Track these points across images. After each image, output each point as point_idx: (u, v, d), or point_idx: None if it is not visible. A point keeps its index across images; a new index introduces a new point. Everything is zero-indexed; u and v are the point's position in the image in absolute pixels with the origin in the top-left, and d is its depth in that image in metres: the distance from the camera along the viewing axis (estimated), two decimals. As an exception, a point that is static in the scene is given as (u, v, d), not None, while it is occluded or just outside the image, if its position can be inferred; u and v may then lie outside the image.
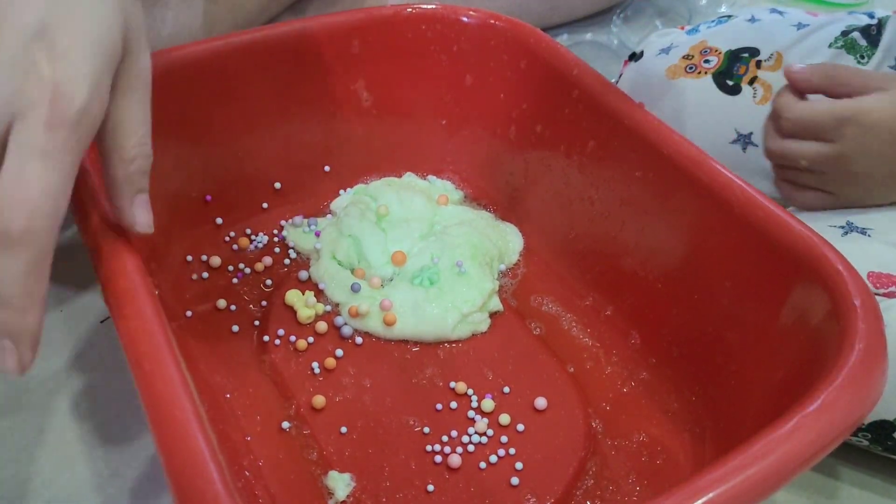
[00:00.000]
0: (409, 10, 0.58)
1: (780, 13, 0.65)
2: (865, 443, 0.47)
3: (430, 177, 0.64)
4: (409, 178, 0.64)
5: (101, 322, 0.54)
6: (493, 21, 0.58)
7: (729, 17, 0.66)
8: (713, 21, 0.68)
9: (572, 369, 0.51)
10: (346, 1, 0.70)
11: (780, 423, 0.32)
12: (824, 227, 0.49)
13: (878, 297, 0.45)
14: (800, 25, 0.62)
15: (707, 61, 0.62)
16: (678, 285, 0.49)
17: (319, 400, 0.48)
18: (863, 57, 0.59)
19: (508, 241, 0.59)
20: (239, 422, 0.47)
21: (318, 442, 0.46)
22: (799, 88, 0.47)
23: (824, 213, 0.51)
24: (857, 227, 0.49)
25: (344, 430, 0.47)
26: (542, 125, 0.56)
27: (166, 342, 0.34)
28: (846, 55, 0.59)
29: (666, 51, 0.65)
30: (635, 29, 0.91)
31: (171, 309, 0.51)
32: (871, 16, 0.64)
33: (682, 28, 0.70)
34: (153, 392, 0.32)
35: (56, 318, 0.55)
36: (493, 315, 0.54)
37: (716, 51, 0.63)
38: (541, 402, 0.48)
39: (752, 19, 0.65)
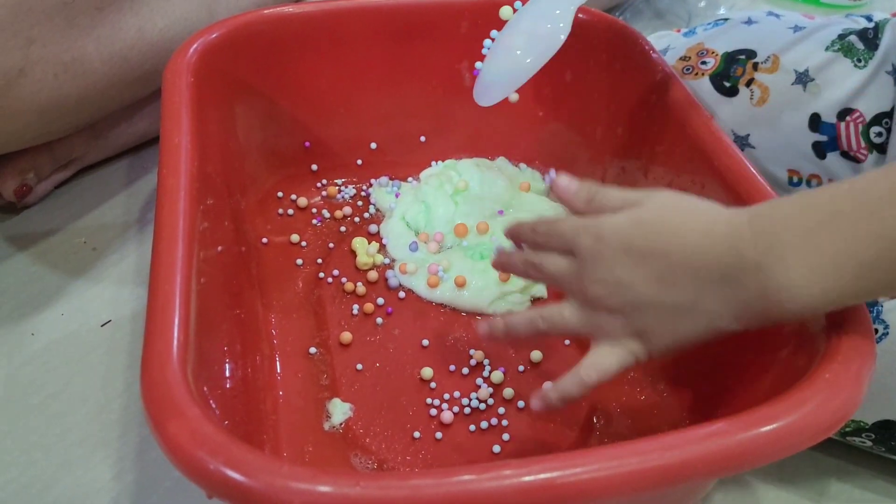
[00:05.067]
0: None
1: (777, 16, 0.62)
2: (869, 443, 0.46)
3: (521, 164, 0.66)
4: (502, 161, 0.66)
5: (102, 325, 0.54)
6: (601, 21, 0.60)
7: (726, 19, 0.64)
8: (710, 23, 0.66)
9: (591, 363, 0.51)
10: None
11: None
12: None
13: (880, 299, 0.44)
14: (796, 28, 0.59)
15: (704, 63, 0.60)
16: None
17: (347, 336, 0.52)
18: (860, 60, 0.55)
19: (574, 237, 0.60)
20: (273, 339, 0.52)
21: (334, 371, 0.50)
22: (565, 205, 0.43)
23: None
24: None
25: (360, 366, 0.50)
26: (623, 128, 0.57)
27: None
28: (843, 58, 0.56)
29: (663, 52, 0.65)
30: None
31: (248, 233, 0.57)
32: (868, 18, 0.61)
33: (679, 31, 0.69)
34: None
35: (57, 321, 0.55)
36: (535, 300, 0.56)
37: (713, 53, 0.61)
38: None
39: (749, 21, 0.63)
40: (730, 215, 0.37)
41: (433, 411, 0.48)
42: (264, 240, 0.59)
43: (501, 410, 0.49)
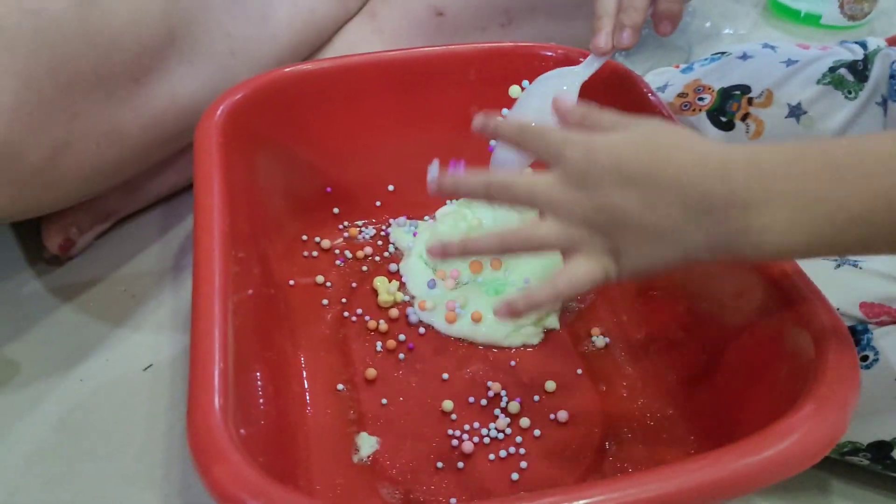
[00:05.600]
0: (525, 46, 0.64)
1: (773, 48, 0.64)
2: (866, 462, 0.48)
3: (532, 200, 0.69)
4: (513, 198, 0.69)
5: (144, 370, 0.58)
6: (603, 64, 0.63)
7: (722, 53, 0.66)
8: (706, 59, 0.69)
9: (604, 388, 0.54)
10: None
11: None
12: (817, 260, 0.49)
13: (870, 326, 0.46)
14: (789, 62, 0.61)
15: (701, 99, 0.63)
16: (711, 334, 0.51)
17: (372, 372, 0.55)
18: (850, 92, 0.58)
19: (585, 269, 0.63)
20: (303, 377, 0.55)
21: (361, 406, 0.54)
22: (561, 119, 0.44)
23: None
24: (849, 260, 0.49)
25: (384, 401, 0.54)
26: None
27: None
28: (834, 91, 0.58)
29: (662, 89, 0.67)
30: (636, 62, 0.91)
31: (276, 276, 0.61)
32: (863, 45, 0.63)
33: (677, 67, 0.71)
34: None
35: (102, 367, 0.58)
36: (548, 332, 0.59)
37: (709, 89, 0.64)
38: (563, 415, 0.53)
39: (744, 56, 0.65)
40: (725, 150, 0.37)
41: (454, 442, 0.51)
42: (291, 282, 0.62)
43: (519, 439, 0.52)
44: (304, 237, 0.66)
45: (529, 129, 0.43)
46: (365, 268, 0.64)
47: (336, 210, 0.67)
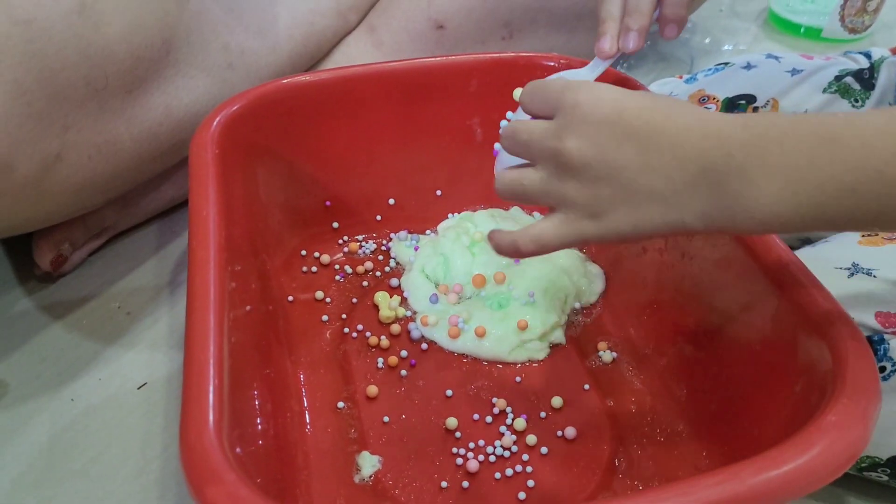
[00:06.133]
0: (527, 56, 0.63)
1: (776, 58, 0.63)
2: (885, 478, 0.47)
3: (535, 213, 0.68)
4: (516, 211, 0.68)
5: (138, 388, 0.56)
6: (606, 74, 0.62)
7: (726, 64, 0.66)
8: (710, 69, 0.68)
9: (611, 403, 0.53)
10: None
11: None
12: (830, 269, 0.48)
13: (886, 336, 0.45)
14: (794, 71, 0.60)
15: (706, 108, 0.62)
16: (721, 347, 0.50)
17: (373, 389, 0.54)
18: (857, 101, 0.57)
19: (590, 282, 0.62)
20: (303, 395, 0.54)
21: (362, 424, 0.52)
22: None
23: (830, 254, 0.49)
24: (863, 269, 0.48)
25: (387, 419, 0.52)
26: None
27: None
28: (840, 99, 0.57)
29: None
30: (639, 74, 0.91)
31: (274, 291, 0.59)
32: (867, 55, 0.62)
33: (681, 77, 0.71)
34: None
35: (95, 385, 0.56)
36: (554, 347, 0.57)
37: (714, 98, 0.63)
38: (570, 432, 0.51)
39: (748, 66, 0.64)
40: (724, 117, 0.36)
41: (459, 460, 0.50)
42: (290, 297, 0.61)
43: (525, 457, 0.50)
44: (304, 252, 0.64)
45: (531, 85, 0.42)
46: (365, 283, 0.63)
47: (335, 224, 0.66)
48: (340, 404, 0.53)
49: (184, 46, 0.58)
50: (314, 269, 0.64)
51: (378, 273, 0.64)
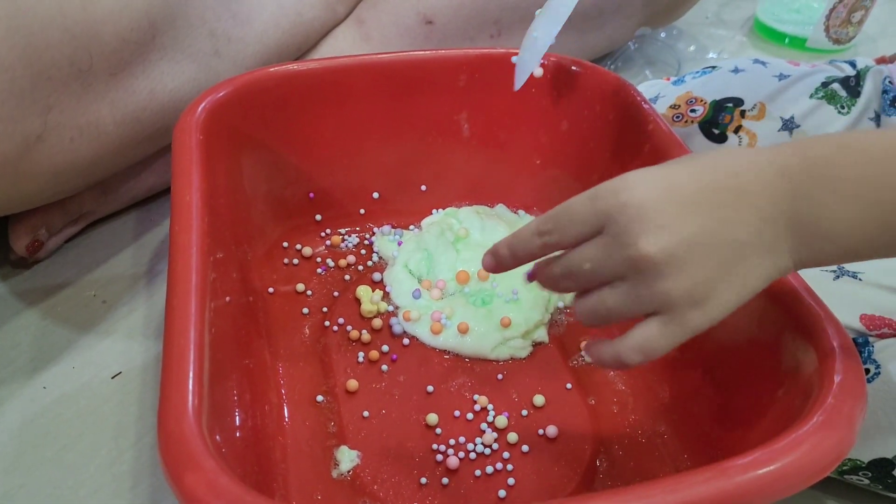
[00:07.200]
0: (516, 52, 0.63)
1: (764, 63, 0.64)
2: (866, 481, 0.47)
3: (520, 211, 0.68)
4: (501, 209, 0.68)
5: (113, 377, 0.55)
6: (596, 73, 0.62)
7: (713, 67, 0.66)
8: (697, 72, 0.68)
9: (593, 401, 0.53)
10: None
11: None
12: (816, 271, 0.49)
13: (871, 339, 0.45)
14: (781, 76, 0.61)
15: (693, 111, 0.62)
16: (706, 348, 0.49)
17: (353, 384, 0.53)
18: (843, 107, 0.58)
19: (574, 282, 0.61)
20: (282, 388, 0.53)
21: (341, 418, 0.51)
22: None
23: None
24: (849, 272, 0.48)
25: (366, 413, 0.51)
26: (618, 174, 0.59)
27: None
28: (827, 105, 0.58)
29: (653, 100, 0.67)
30: (626, 78, 0.91)
31: (255, 283, 0.58)
32: (852, 65, 0.63)
33: (668, 79, 0.71)
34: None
35: (68, 374, 0.55)
36: (536, 345, 0.57)
37: (701, 101, 0.63)
38: (552, 430, 0.51)
39: (736, 70, 0.65)
40: (766, 149, 0.34)
41: (439, 457, 0.49)
42: (271, 289, 0.60)
43: (506, 455, 0.49)
44: (285, 244, 0.64)
45: (545, 222, 0.37)
46: (348, 277, 0.62)
47: (318, 217, 0.65)
48: (320, 398, 0.52)
49: (170, 31, 0.57)
50: (296, 261, 0.63)
51: (360, 267, 0.63)
